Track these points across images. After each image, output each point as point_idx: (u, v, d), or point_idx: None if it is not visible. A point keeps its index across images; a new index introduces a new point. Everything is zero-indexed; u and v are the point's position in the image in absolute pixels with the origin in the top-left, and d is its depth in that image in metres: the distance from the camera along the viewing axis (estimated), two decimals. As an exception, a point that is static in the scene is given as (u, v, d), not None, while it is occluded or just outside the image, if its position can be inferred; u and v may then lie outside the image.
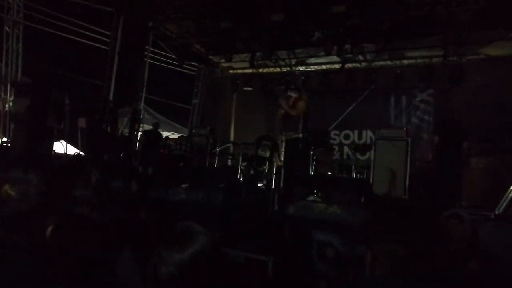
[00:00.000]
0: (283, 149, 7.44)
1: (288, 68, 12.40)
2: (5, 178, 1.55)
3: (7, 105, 10.01)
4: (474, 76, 9.83)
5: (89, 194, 1.57)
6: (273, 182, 7.80)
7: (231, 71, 13.51)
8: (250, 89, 12.64)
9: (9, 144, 9.51)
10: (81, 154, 9.42)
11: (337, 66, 11.46)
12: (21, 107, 9.82)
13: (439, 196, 7.11)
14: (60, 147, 9.67)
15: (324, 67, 11.98)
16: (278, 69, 12.54)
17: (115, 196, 1.79)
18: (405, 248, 1.23)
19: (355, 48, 10.30)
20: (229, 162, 10.90)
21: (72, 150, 10.02)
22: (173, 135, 15.21)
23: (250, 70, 12.51)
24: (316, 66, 12.11)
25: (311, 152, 8.64)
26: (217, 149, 9.91)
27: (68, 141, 8.91)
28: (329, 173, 8.12)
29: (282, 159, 7.46)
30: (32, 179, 1.53)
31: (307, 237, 5.02)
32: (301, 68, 12.32)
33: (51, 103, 8.80)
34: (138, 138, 10.61)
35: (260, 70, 12.57)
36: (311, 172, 8.32)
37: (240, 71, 13.18)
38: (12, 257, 1.38)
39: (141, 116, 11.82)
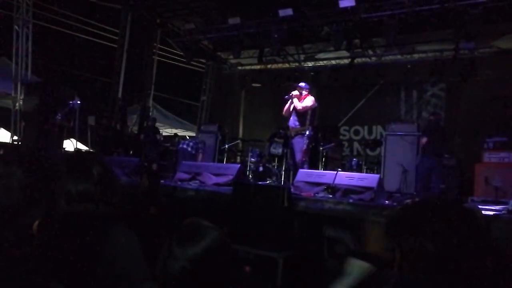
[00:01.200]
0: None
1: (297, 64, 12.33)
2: None
3: (17, 104, 10.08)
4: (486, 70, 9.69)
5: (92, 188, 1.55)
6: (283, 179, 7.78)
7: (239, 68, 13.48)
8: (259, 85, 12.59)
9: (19, 143, 9.58)
10: (81, 150, 9.45)
11: (346, 61, 11.37)
12: (31, 105, 9.90)
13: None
14: (70, 145, 9.72)
15: (333, 62, 11.90)
16: (287, 65, 12.47)
17: (121, 191, 1.75)
18: (430, 245, 1.18)
19: (365, 42, 10.20)
20: (238, 159, 10.90)
21: (82, 148, 10.08)
22: (182, 132, 15.26)
23: (258, 66, 12.46)
24: (325, 61, 12.03)
25: (321, 148, 8.60)
26: (226, 146, 9.90)
27: (78, 139, 8.94)
28: (339, 169, 8.05)
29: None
30: (15, 173, 1.50)
31: (317, 233, 4.99)
32: (310, 64, 12.26)
33: (60, 101, 8.84)
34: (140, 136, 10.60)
35: (269, 66, 12.52)
36: (320, 168, 8.29)
37: (248, 67, 13.15)
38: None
39: (150, 113, 11.86)
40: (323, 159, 8.66)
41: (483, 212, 4.40)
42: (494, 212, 4.68)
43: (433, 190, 7.31)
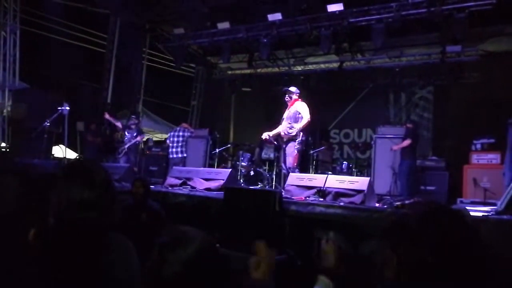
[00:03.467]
0: None
1: (287, 68, 12.36)
2: None
3: (5, 110, 9.97)
4: (473, 73, 9.82)
5: (95, 196, 1.54)
6: (274, 183, 7.79)
7: (229, 72, 13.49)
8: (249, 89, 12.61)
9: (7, 150, 9.48)
10: (81, 157, 9.41)
11: (335, 65, 11.43)
12: (19, 112, 9.82)
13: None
14: (59, 151, 9.66)
15: (322, 66, 11.93)
16: (276, 69, 12.50)
17: (119, 198, 1.74)
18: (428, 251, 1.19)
19: (353, 46, 10.28)
20: (229, 163, 10.89)
21: (71, 154, 10.01)
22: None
23: (248, 71, 12.48)
24: (314, 65, 12.06)
25: (311, 152, 8.63)
26: (217, 150, 9.88)
27: (67, 145, 8.88)
28: (330, 173, 8.09)
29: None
30: (9, 181, 1.50)
31: (309, 236, 5.00)
32: (299, 68, 12.29)
33: (49, 107, 8.78)
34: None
35: (259, 70, 12.54)
36: (311, 172, 8.31)
37: (238, 71, 13.16)
38: None
39: (140, 118, 11.79)
40: (314, 162, 8.70)
41: (472, 213, 4.45)
42: (483, 214, 4.71)
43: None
